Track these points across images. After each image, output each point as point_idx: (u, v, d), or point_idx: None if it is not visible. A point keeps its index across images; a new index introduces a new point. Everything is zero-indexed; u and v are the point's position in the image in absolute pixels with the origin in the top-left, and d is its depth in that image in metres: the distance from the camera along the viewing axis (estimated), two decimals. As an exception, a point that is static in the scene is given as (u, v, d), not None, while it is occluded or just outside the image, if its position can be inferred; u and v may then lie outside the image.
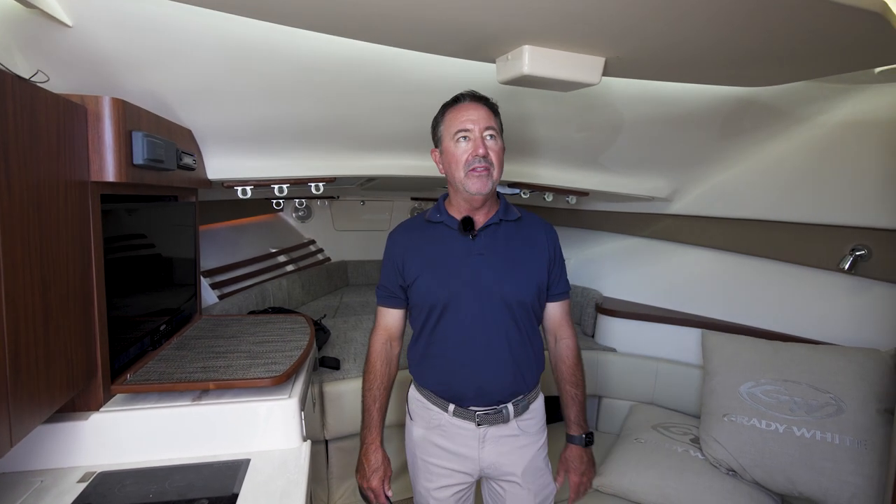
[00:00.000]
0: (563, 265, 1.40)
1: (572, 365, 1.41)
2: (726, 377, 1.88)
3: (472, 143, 1.23)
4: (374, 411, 1.36)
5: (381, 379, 1.37)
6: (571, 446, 1.43)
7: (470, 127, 1.23)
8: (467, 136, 1.23)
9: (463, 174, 1.24)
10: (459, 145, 1.24)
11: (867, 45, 1.26)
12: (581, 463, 1.41)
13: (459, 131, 1.24)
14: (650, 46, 1.29)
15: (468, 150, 1.23)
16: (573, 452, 1.42)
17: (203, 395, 1.31)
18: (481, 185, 1.23)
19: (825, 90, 1.76)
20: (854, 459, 1.58)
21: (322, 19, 1.18)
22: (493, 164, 1.23)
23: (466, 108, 1.25)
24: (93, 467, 1.17)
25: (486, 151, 1.22)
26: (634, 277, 2.72)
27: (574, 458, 1.42)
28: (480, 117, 1.24)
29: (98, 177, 1.15)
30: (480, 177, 1.22)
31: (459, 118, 1.25)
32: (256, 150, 1.88)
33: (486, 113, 1.26)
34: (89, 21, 1.14)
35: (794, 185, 2.01)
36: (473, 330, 1.27)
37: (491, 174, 1.23)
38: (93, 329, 1.15)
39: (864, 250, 1.81)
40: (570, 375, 1.41)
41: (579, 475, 1.41)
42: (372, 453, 1.34)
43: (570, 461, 1.42)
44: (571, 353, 1.42)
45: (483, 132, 1.23)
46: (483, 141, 1.23)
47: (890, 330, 1.74)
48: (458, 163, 1.24)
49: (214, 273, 2.51)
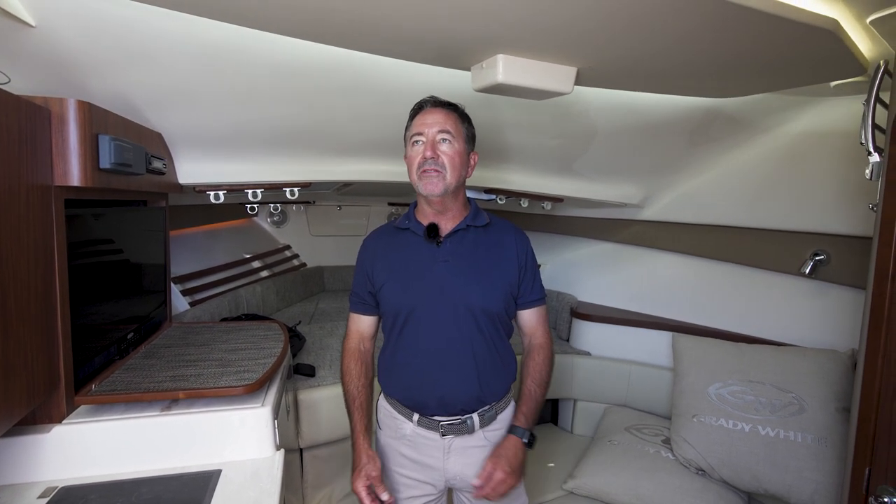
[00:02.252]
0: (535, 271, 1.38)
1: (540, 362, 1.37)
2: (695, 379, 1.93)
3: (424, 145, 1.25)
4: (354, 410, 1.34)
5: (358, 377, 1.36)
6: (511, 437, 1.29)
7: (424, 130, 1.25)
8: (420, 140, 1.26)
9: (416, 176, 1.26)
10: (413, 149, 1.27)
11: (822, 61, 1.33)
12: (515, 458, 1.26)
13: (415, 135, 1.27)
14: (620, 58, 1.33)
15: (420, 152, 1.25)
16: (510, 442, 1.28)
17: (172, 405, 1.27)
18: (432, 186, 1.23)
19: (785, 102, 1.83)
20: (815, 456, 1.64)
21: (299, 26, 1.18)
22: (444, 167, 1.23)
23: (426, 114, 1.28)
24: (55, 482, 1.12)
25: (435, 153, 1.23)
26: (608, 282, 2.77)
27: (509, 448, 1.27)
28: (436, 121, 1.25)
29: (62, 181, 1.11)
30: (430, 178, 1.23)
31: (416, 122, 1.28)
32: (230, 154, 1.85)
33: (444, 117, 1.26)
34: (54, 21, 1.11)
35: (758, 193, 2.09)
36: (436, 338, 1.26)
37: (443, 176, 1.23)
38: (55, 338, 1.11)
39: (824, 255, 1.90)
40: (534, 372, 1.36)
41: (506, 472, 1.23)
42: (356, 453, 1.30)
43: (504, 451, 1.26)
44: (542, 352, 1.39)
45: (436, 135, 1.25)
46: (434, 143, 1.24)
47: (848, 331, 1.82)
48: (412, 165, 1.26)
49: (185, 279, 2.45)
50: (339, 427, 2.01)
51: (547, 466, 2.19)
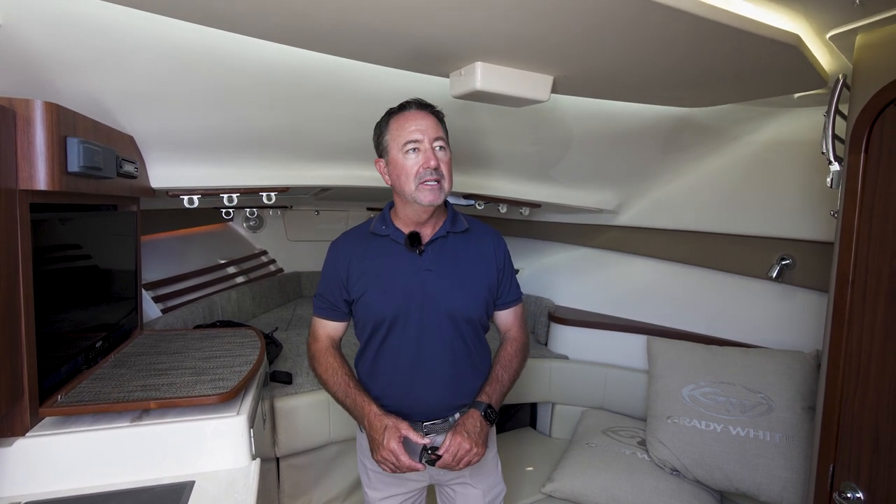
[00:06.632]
0: (512, 273, 1.40)
1: (510, 352, 1.36)
2: (669, 381, 1.97)
3: (423, 154, 1.20)
4: (353, 390, 1.26)
5: (342, 366, 1.30)
6: (471, 410, 1.25)
7: (419, 137, 1.20)
8: (417, 148, 1.20)
9: (413, 186, 1.20)
10: (409, 157, 1.21)
11: (786, 74, 1.39)
12: (473, 428, 1.20)
13: (409, 142, 1.20)
14: (595, 68, 1.36)
15: (419, 161, 1.20)
16: (468, 414, 1.24)
17: (144, 416, 1.24)
18: (433, 196, 1.21)
19: (752, 112, 1.91)
20: (784, 455, 1.70)
21: (274, 29, 1.17)
22: (443, 177, 1.22)
23: (414, 117, 1.22)
24: (17, 497, 1.08)
25: (438, 163, 1.21)
26: (585, 286, 2.82)
27: (467, 419, 1.22)
28: (429, 127, 1.22)
29: (27, 185, 1.08)
30: (433, 189, 1.20)
31: (407, 127, 1.21)
32: (205, 157, 1.81)
33: (434, 122, 1.24)
34: (20, 20, 1.07)
35: (727, 199, 2.16)
36: (419, 346, 1.26)
37: (442, 186, 1.22)
38: (18, 347, 1.07)
39: (790, 260, 1.97)
40: (503, 359, 1.35)
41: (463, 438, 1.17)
42: (375, 420, 1.19)
43: (462, 421, 1.22)
44: (514, 343, 1.38)
45: (433, 143, 1.22)
46: (434, 152, 1.21)
47: (812, 333, 1.89)
48: (409, 175, 1.20)
49: (157, 286, 2.39)
50: (317, 434, 1.99)
51: (526, 470, 2.20)
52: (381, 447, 1.16)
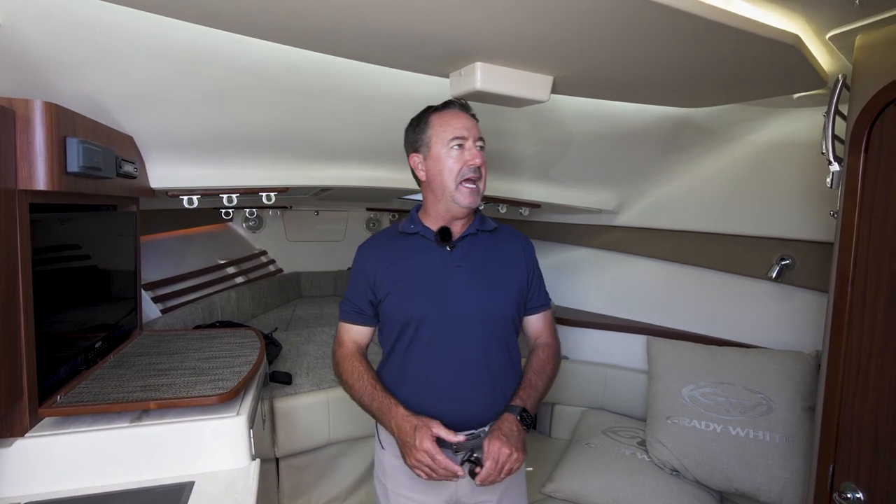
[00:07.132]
0: (541, 277, 1.38)
1: (543, 357, 1.31)
2: (669, 381, 1.97)
3: (469, 151, 1.19)
4: (378, 392, 1.19)
5: (368, 370, 1.24)
6: (506, 413, 1.17)
7: (465, 134, 1.19)
8: (462, 144, 1.19)
9: (454, 185, 1.19)
10: (452, 153, 1.19)
11: (785, 74, 1.39)
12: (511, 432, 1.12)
13: (456, 138, 1.19)
14: (595, 68, 1.36)
15: (463, 158, 1.19)
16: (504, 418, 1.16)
17: (143, 416, 1.24)
18: (472, 199, 1.20)
19: (751, 113, 1.91)
20: (783, 455, 1.69)
21: (274, 29, 1.17)
22: (481, 177, 1.22)
23: (458, 116, 1.22)
24: (17, 498, 1.07)
25: (483, 162, 1.20)
26: (584, 287, 2.82)
27: (503, 423, 1.14)
28: (472, 126, 1.21)
29: (27, 185, 1.07)
30: (472, 192, 1.20)
31: (454, 124, 1.20)
32: (204, 157, 1.81)
33: (475, 124, 1.24)
34: (20, 19, 1.07)
35: (726, 200, 2.16)
36: (451, 348, 1.19)
37: (479, 188, 1.22)
38: (18, 347, 1.06)
39: (789, 260, 1.97)
40: (536, 364, 1.29)
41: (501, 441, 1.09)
42: (403, 422, 1.12)
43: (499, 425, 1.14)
44: (547, 349, 1.33)
45: (476, 142, 1.21)
46: (477, 151, 1.20)
47: (812, 333, 1.89)
48: (451, 171, 1.19)
49: (157, 286, 2.39)
50: (317, 435, 1.99)
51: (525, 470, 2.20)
52: (415, 448, 1.07)
